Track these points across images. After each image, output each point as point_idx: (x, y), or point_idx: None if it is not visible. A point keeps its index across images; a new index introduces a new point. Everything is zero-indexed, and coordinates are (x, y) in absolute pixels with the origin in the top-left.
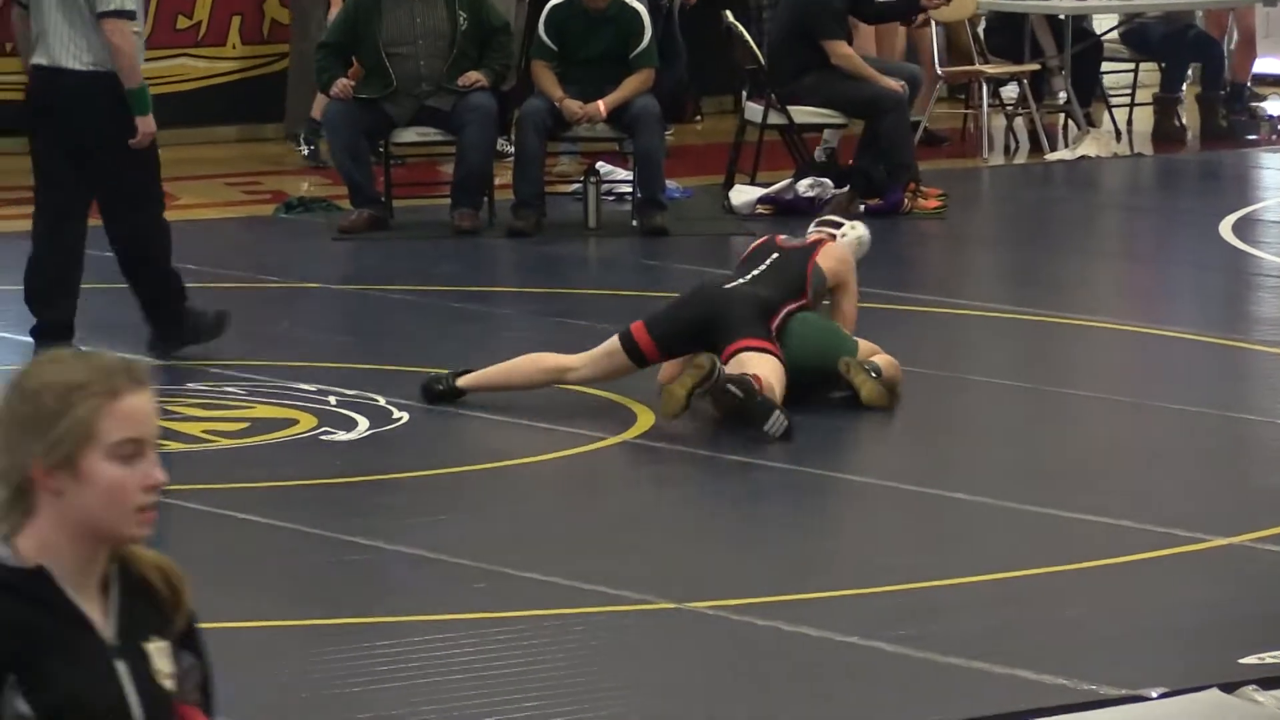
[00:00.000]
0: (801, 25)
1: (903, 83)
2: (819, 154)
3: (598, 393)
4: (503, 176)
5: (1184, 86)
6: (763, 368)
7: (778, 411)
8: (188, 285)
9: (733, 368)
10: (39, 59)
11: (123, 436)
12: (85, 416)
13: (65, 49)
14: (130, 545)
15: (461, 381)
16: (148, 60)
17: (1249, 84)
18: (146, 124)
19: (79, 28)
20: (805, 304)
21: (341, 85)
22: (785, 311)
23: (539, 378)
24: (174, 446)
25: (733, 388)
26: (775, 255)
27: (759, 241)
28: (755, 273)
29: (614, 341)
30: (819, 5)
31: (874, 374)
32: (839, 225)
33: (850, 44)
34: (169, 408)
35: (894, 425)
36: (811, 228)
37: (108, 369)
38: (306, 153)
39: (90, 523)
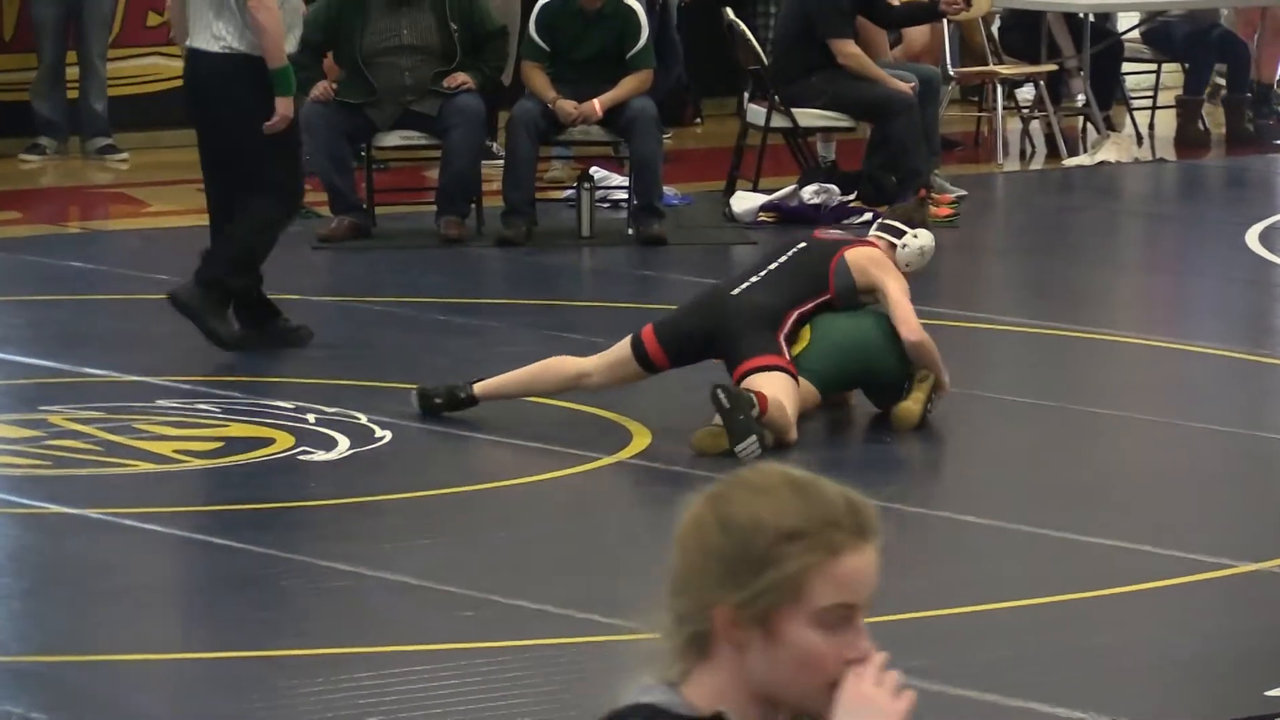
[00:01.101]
0: (807, 23)
1: (914, 83)
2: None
3: (592, 410)
4: (492, 182)
5: (1208, 88)
6: (770, 386)
7: (755, 438)
8: (156, 296)
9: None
10: (188, 42)
11: (833, 602)
12: (795, 574)
13: (206, 31)
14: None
15: (478, 388)
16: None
17: (1276, 85)
18: (285, 106)
19: (220, 10)
20: (829, 302)
21: (322, 87)
22: (797, 315)
23: (557, 384)
24: (144, 467)
25: (721, 395)
26: (800, 247)
27: (798, 233)
28: (768, 270)
29: (625, 346)
30: (826, 2)
31: (931, 396)
32: (901, 233)
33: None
34: (138, 425)
35: (902, 444)
36: (873, 229)
37: (830, 516)
38: None
39: (772, 687)
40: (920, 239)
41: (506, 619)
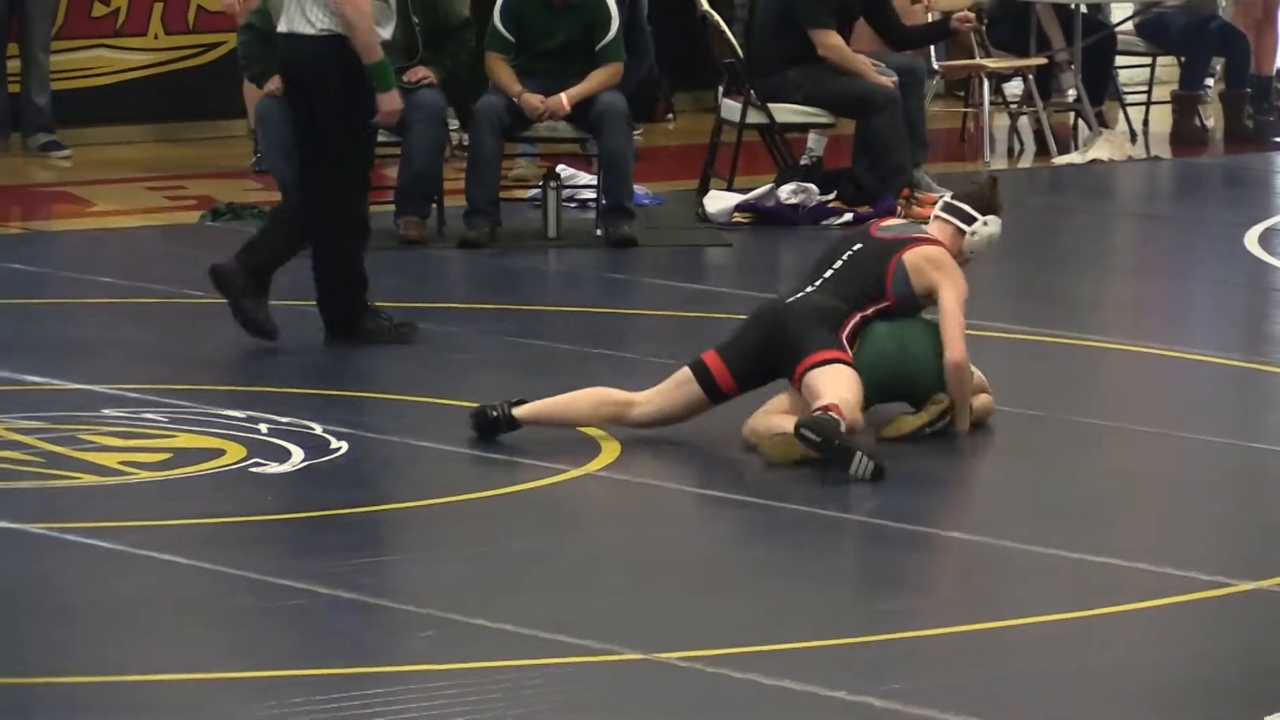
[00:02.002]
0: (788, 12)
1: (894, 78)
2: (804, 162)
3: None
4: (454, 180)
5: (1207, 83)
6: (836, 386)
7: (859, 454)
8: (101, 300)
9: (806, 394)
10: (280, 26)
11: None
12: None
13: (300, 13)
14: None
15: (519, 412)
16: (59, 52)
17: (1276, 79)
18: (388, 101)
19: None
20: (888, 308)
21: (278, 81)
22: (859, 318)
23: (601, 412)
24: (88, 479)
25: (808, 433)
26: (855, 249)
27: (849, 230)
28: (823, 278)
29: (685, 372)
30: None
31: (939, 426)
32: (970, 219)
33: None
34: (82, 436)
35: (886, 457)
36: (938, 209)
37: None
38: (255, 159)
39: None
40: (990, 227)
41: (469, 640)
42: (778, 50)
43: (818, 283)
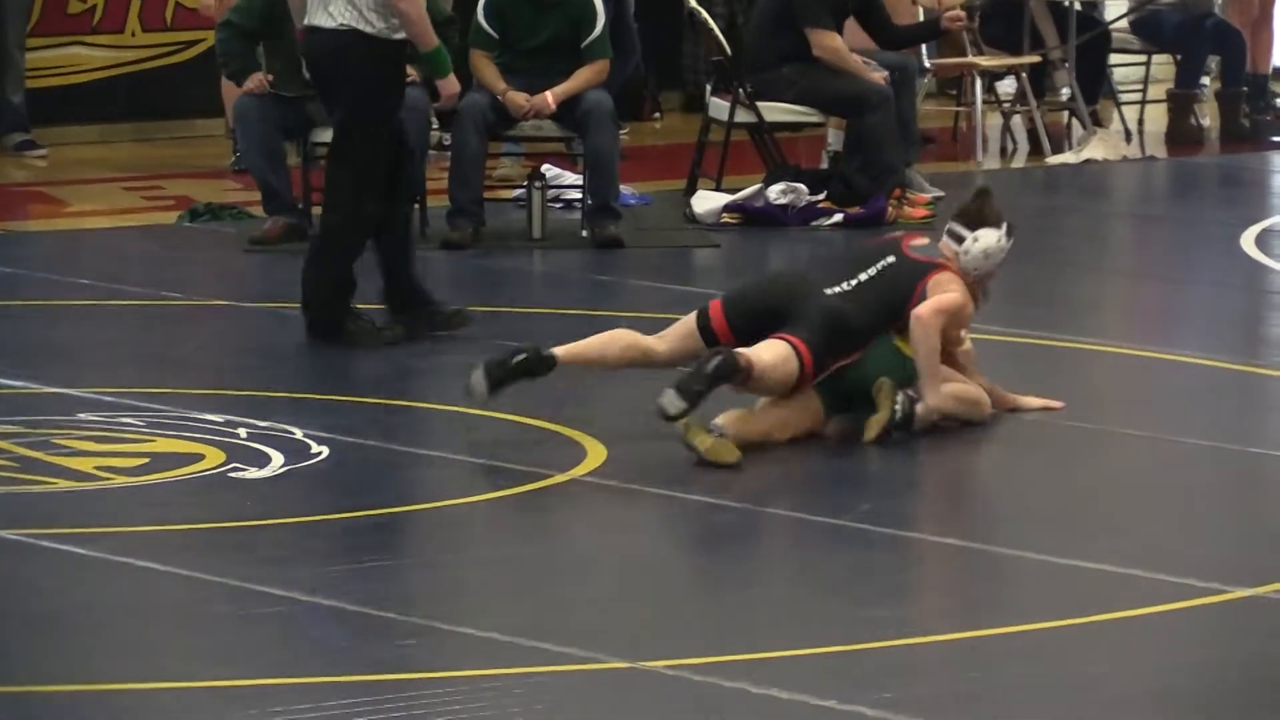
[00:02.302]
0: (787, 10)
1: (885, 74)
2: (823, 159)
3: (544, 425)
4: (437, 180)
5: (1203, 82)
6: (759, 350)
7: (685, 405)
8: (78, 302)
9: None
10: (305, 20)
11: None
12: None
13: (321, 6)
14: None
15: (559, 351)
16: (34, 49)
17: (1273, 78)
18: (447, 85)
19: None
20: (901, 327)
21: (258, 79)
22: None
23: (629, 355)
24: (64, 485)
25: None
26: (888, 262)
27: (879, 239)
28: (860, 280)
29: (690, 320)
30: None
31: (903, 407)
32: (961, 238)
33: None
34: (57, 440)
35: (876, 462)
36: (944, 236)
37: None
38: (234, 158)
39: None
40: (981, 240)
41: (451, 647)
42: (773, 47)
43: (855, 283)
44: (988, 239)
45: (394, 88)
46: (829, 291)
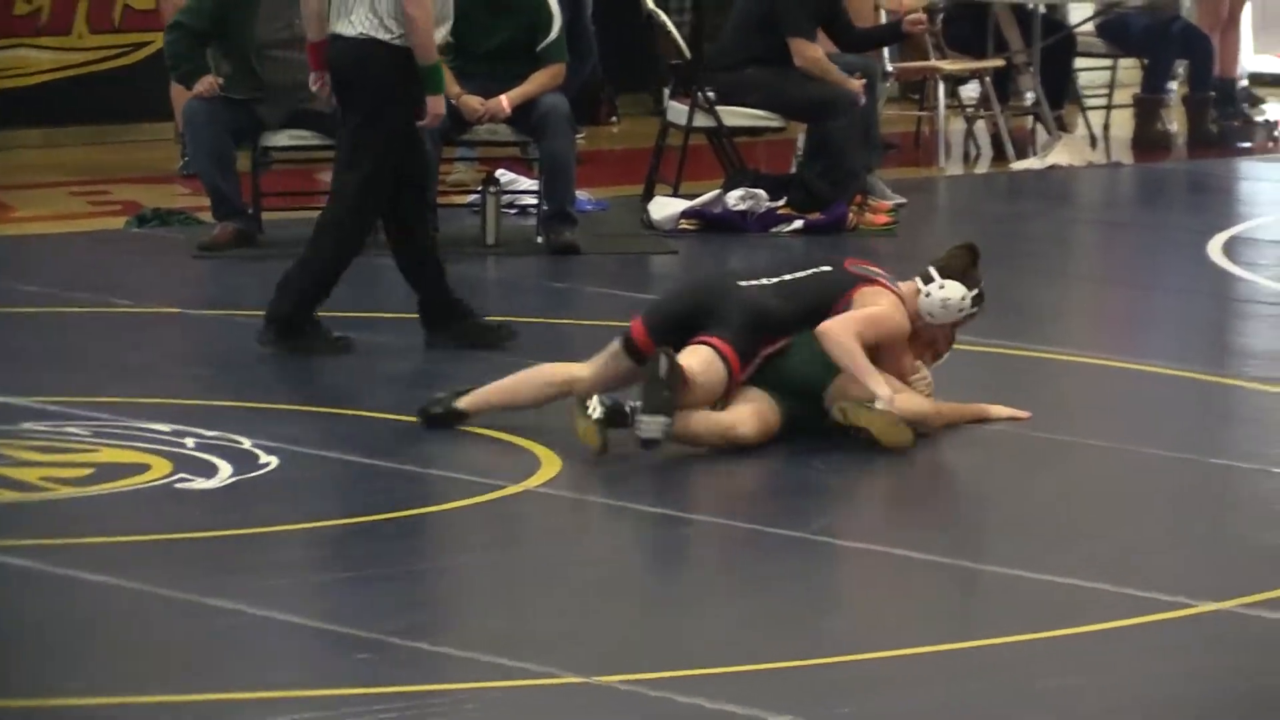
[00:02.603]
0: (769, 15)
1: (864, 82)
2: (795, 165)
3: (498, 435)
4: None
5: (1170, 86)
6: (692, 359)
7: (665, 418)
8: (22, 310)
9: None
10: (330, 28)
11: None
12: None
13: (342, 14)
14: None
15: (462, 403)
16: None
17: (1245, 82)
18: (435, 104)
19: None
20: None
21: (208, 82)
22: (776, 346)
23: (547, 392)
24: (7, 496)
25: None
26: (822, 269)
27: (827, 255)
28: (785, 278)
29: (616, 343)
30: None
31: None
32: (929, 279)
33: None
34: (0, 450)
35: (836, 474)
36: (921, 270)
37: None
38: (183, 163)
39: None
40: (947, 290)
41: (404, 662)
42: (745, 48)
43: (775, 280)
44: (953, 291)
45: (410, 95)
46: (744, 284)
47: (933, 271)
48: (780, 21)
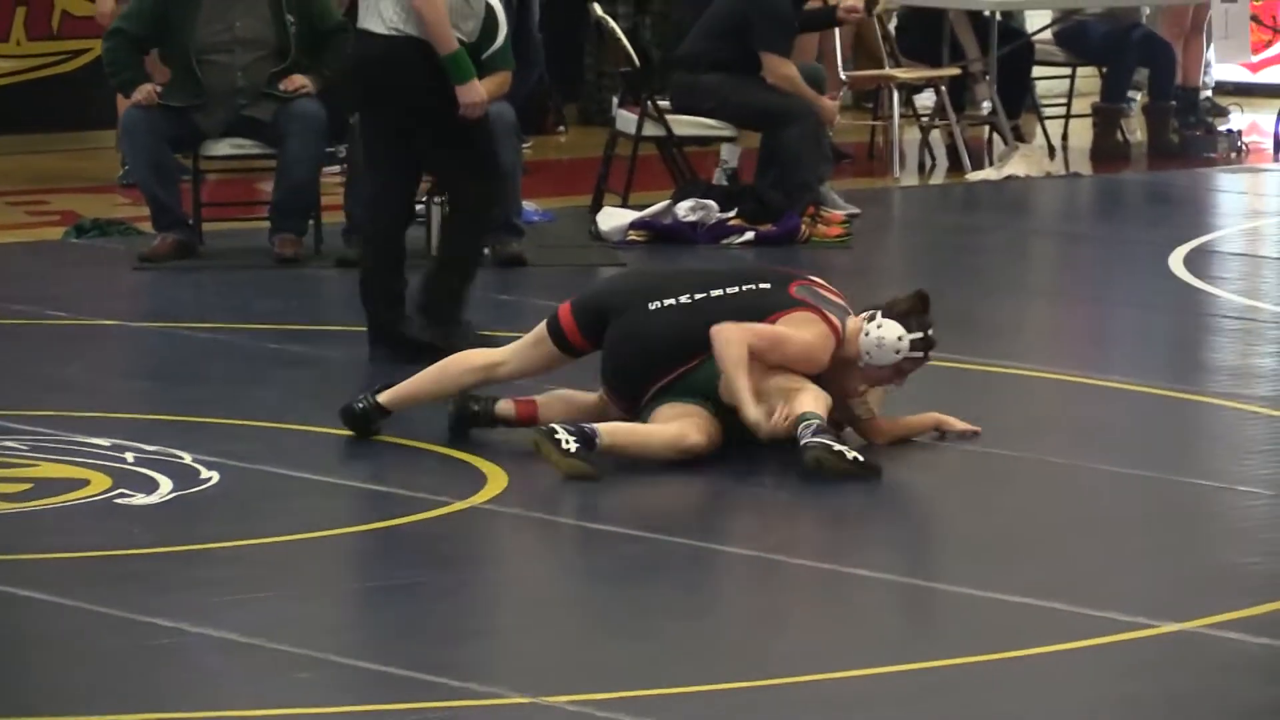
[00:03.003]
0: (742, 25)
1: (838, 97)
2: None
3: (443, 450)
4: (332, 196)
5: (1130, 95)
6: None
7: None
8: None
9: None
10: (359, 24)
11: None
12: None
13: (371, 10)
14: None
15: (383, 398)
16: None
17: (1208, 91)
18: (465, 93)
19: None
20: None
21: (146, 90)
22: (683, 370)
23: (469, 378)
24: None
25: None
26: (763, 286)
27: (774, 273)
28: (711, 294)
29: (541, 329)
30: (774, 14)
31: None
32: (873, 318)
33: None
34: None
35: (786, 491)
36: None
37: None
38: (123, 172)
39: None
40: (884, 330)
41: (346, 682)
42: (707, 52)
43: (695, 299)
44: (890, 331)
45: (444, 91)
46: (653, 306)
47: (880, 309)
48: (754, 34)
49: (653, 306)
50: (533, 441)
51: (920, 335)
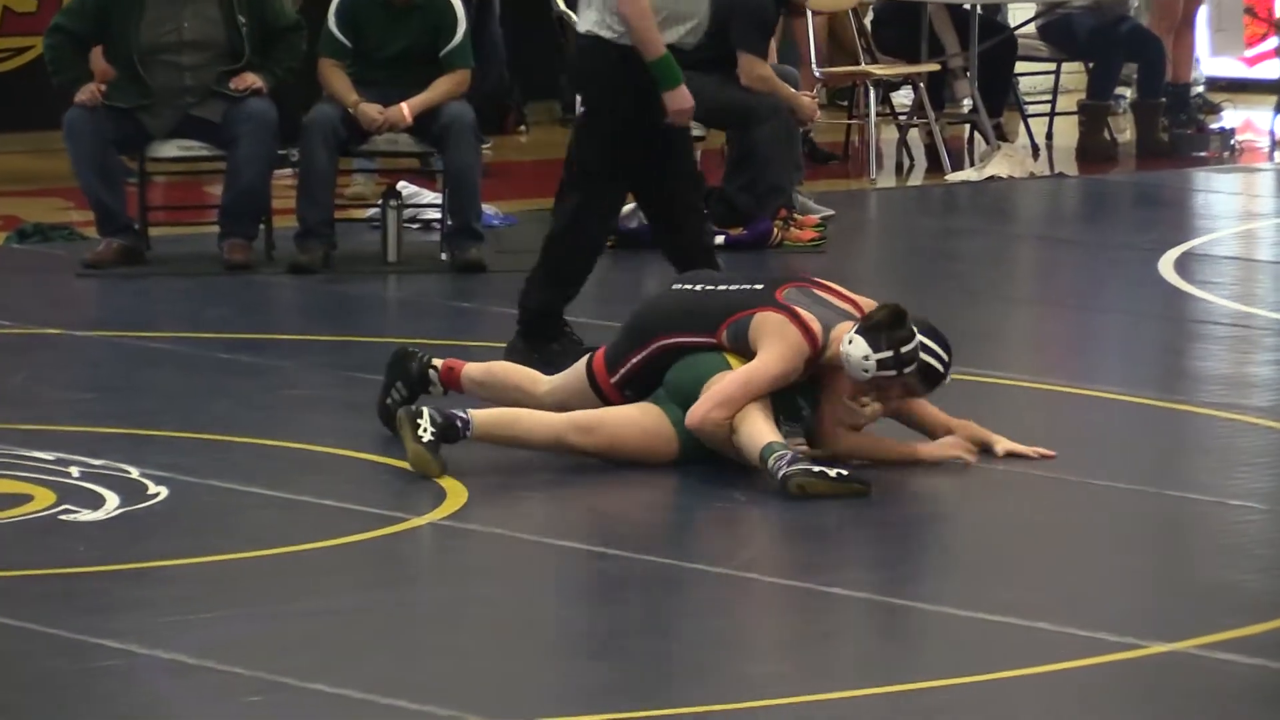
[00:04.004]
0: (723, 23)
1: (816, 97)
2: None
3: (401, 464)
4: (284, 199)
5: (1118, 92)
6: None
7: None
8: None
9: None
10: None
11: None
12: None
13: (583, 11)
14: None
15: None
16: None
17: (1200, 88)
18: (673, 99)
19: None
20: (715, 344)
21: (90, 90)
22: (673, 342)
23: (512, 397)
24: None
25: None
26: (749, 287)
27: (766, 278)
28: (722, 287)
29: (580, 365)
30: (752, 14)
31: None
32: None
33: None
34: None
35: (758, 506)
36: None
37: None
38: None
39: None
40: (854, 345)
41: (301, 705)
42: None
43: (708, 288)
44: (858, 349)
45: (640, 93)
46: (675, 287)
47: (863, 322)
48: (732, 35)
49: (675, 286)
50: (398, 419)
51: (890, 354)
